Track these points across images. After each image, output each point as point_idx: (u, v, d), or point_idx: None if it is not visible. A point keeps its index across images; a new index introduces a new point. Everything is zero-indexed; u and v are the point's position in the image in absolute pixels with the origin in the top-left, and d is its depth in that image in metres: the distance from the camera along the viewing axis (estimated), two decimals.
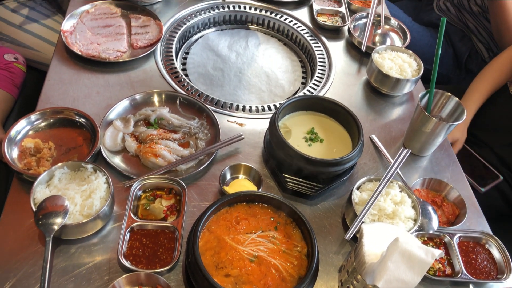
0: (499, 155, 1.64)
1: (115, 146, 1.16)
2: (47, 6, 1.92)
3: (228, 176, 1.15)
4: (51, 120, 1.17)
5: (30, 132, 1.14)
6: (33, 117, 1.15)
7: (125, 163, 1.15)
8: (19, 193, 1.03)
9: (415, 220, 1.05)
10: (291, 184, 1.13)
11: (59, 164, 1.01)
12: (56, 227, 0.91)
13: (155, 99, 1.30)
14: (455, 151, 1.59)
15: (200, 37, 1.68)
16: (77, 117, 1.18)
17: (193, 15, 1.65)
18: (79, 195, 0.98)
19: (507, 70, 1.72)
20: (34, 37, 1.78)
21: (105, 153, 1.13)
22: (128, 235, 0.97)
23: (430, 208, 1.11)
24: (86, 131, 1.16)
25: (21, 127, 1.13)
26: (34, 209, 0.93)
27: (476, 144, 1.68)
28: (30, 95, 1.65)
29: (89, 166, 1.02)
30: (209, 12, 1.68)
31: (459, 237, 1.09)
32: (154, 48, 1.44)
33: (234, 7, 1.71)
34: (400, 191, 1.10)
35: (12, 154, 1.08)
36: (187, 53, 1.62)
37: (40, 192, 0.97)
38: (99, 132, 1.14)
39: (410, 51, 1.48)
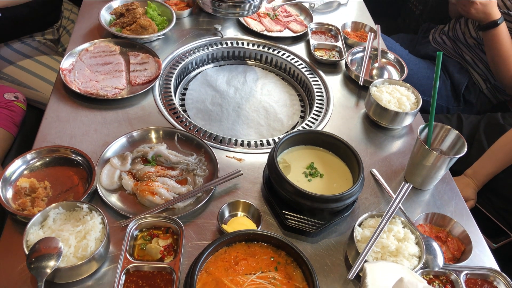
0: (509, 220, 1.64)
1: (112, 185, 1.14)
2: (49, 45, 1.96)
3: (227, 214, 1.13)
4: (47, 159, 1.16)
5: (26, 172, 1.13)
6: (29, 156, 1.14)
7: (121, 202, 1.13)
8: (13, 235, 1.01)
9: (420, 257, 1.02)
10: (292, 221, 1.10)
11: (54, 204, 0.99)
12: (48, 271, 0.88)
13: (153, 135, 1.29)
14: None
15: (199, 73, 1.69)
16: (73, 155, 1.17)
17: (192, 52, 1.66)
18: (74, 236, 0.95)
19: None
20: (34, 76, 1.80)
21: (101, 191, 1.11)
22: (123, 277, 0.94)
23: (434, 244, 1.08)
24: (83, 169, 1.15)
25: (17, 166, 1.12)
26: (27, 252, 0.90)
27: (488, 206, 1.68)
28: (29, 133, 1.65)
29: (85, 206, 1.00)
30: (208, 48, 1.70)
31: (466, 274, 1.05)
32: (152, 84, 1.45)
33: (232, 43, 1.73)
34: (403, 227, 1.08)
35: (7, 194, 1.06)
36: (185, 89, 1.63)
37: (33, 234, 0.95)
38: (96, 170, 1.13)
39: (408, 84, 1.48)
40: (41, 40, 1.92)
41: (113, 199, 1.12)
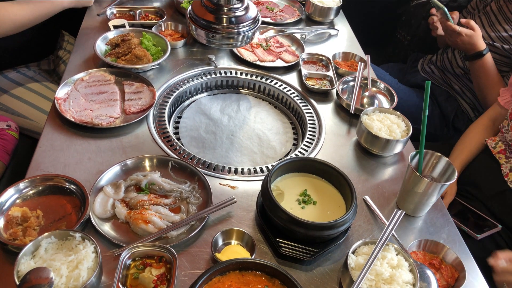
0: (489, 208, 1.66)
1: (105, 213, 1.14)
2: (44, 75, 1.98)
3: (220, 242, 1.12)
4: (41, 188, 1.15)
5: (18, 201, 1.12)
6: (21, 185, 1.14)
7: (114, 231, 1.12)
8: (4, 265, 1.00)
9: (414, 285, 1.02)
10: (286, 249, 1.10)
11: (46, 233, 0.98)
12: None
13: (147, 163, 1.30)
14: (446, 204, 1.61)
15: (193, 101, 1.72)
16: (67, 184, 1.17)
17: (186, 81, 1.69)
18: (66, 266, 0.94)
19: (489, 131, 1.79)
20: (28, 105, 1.81)
21: (94, 220, 1.10)
22: None
23: (428, 272, 1.08)
24: (76, 198, 1.15)
25: (9, 195, 1.11)
26: (17, 283, 0.89)
27: (468, 198, 1.71)
28: (21, 162, 1.64)
29: (78, 235, 1.00)
30: (202, 78, 1.73)
31: None
32: (147, 113, 1.46)
33: (225, 73, 1.77)
34: (397, 254, 1.08)
35: None
36: (179, 117, 1.65)
37: (24, 264, 0.93)
38: (89, 199, 1.12)
39: (398, 112, 1.51)
40: (36, 70, 1.95)
41: (106, 228, 1.11)
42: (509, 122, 1.67)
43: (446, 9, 1.92)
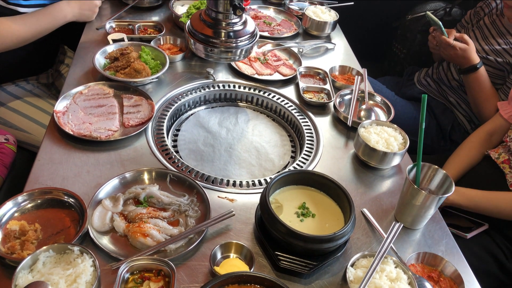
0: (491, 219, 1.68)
1: (104, 226, 1.14)
2: (43, 88, 1.98)
3: (219, 256, 1.12)
4: (39, 201, 1.15)
5: (16, 214, 1.12)
6: (20, 198, 1.13)
7: (113, 244, 1.12)
8: (1, 279, 0.99)
9: None
10: (284, 262, 1.10)
11: (44, 247, 0.98)
12: None
13: (145, 176, 1.30)
14: None
15: (191, 114, 1.73)
16: (65, 197, 1.17)
17: (184, 94, 1.70)
18: (64, 280, 0.94)
19: (486, 144, 1.82)
20: (26, 119, 1.81)
21: (92, 233, 1.10)
22: None
23: (427, 284, 1.08)
24: (74, 211, 1.15)
25: (7, 209, 1.11)
26: None
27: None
28: (19, 175, 1.64)
29: (76, 249, 0.99)
30: (200, 91, 1.74)
31: None
32: (145, 126, 1.47)
33: (223, 86, 1.78)
34: (395, 267, 1.08)
35: None
36: (178, 130, 1.65)
37: (22, 278, 0.93)
38: (88, 212, 1.12)
39: (395, 125, 1.53)
40: (34, 83, 1.95)
41: (105, 241, 1.11)
42: None
43: (441, 24, 1.95)
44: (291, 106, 1.74)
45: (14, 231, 1.07)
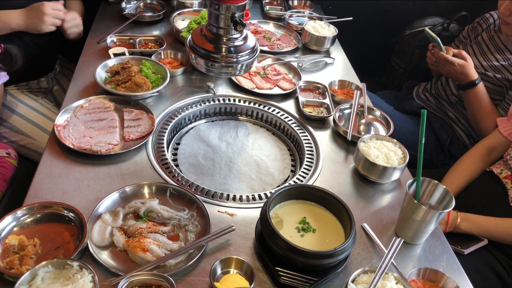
0: None
1: (103, 241, 1.13)
2: (44, 91, 2.01)
3: (219, 271, 1.11)
4: (39, 215, 1.15)
5: (16, 229, 1.11)
6: (19, 212, 1.13)
7: (112, 259, 1.11)
8: None
9: None
10: (285, 278, 1.09)
11: (43, 262, 0.97)
12: None
13: (145, 191, 1.30)
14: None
15: (191, 128, 1.73)
16: (65, 211, 1.16)
17: (185, 108, 1.71)
18: None
19: (485, 159, 1.82)
20: (30, 124, 1.83)
21: (92, 248, 1.09)
22: None
23: None
24: (74, 226, 1.14)
25: (6, 223, 1.10)
26: None
27: None
28: (19, 189, 1.64)
29: (75, 264, 0.99)
30: (200, 105, 1.75)
31: None
32: (146, 140, 1.47)
33: (224, 100, 1.79)
34: (396, 283, 1.07)
35: None
36: (178, 143, 1.65)
37: None
38: (87, 227, 1.12)
39: (395, 140, 1.53)
40: (35, 86, 1.98)
41: (104, 256, 1.10)
42: None
43: (439, 39, 1.97)
44: (291, 120, 1.75)
45: (13, 245, 1.06)
